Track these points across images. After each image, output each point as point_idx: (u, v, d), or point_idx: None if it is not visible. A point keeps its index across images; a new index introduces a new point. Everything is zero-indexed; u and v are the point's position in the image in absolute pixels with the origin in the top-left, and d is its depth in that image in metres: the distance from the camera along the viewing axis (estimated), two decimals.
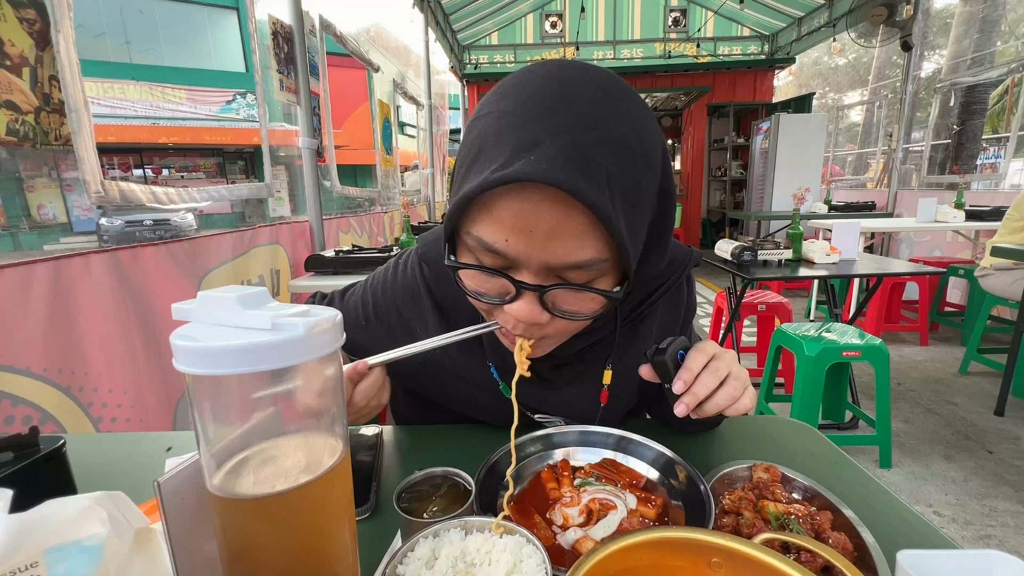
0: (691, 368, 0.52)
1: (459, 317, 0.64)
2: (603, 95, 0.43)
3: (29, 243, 7.93)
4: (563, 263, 0.44)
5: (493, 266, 0.46)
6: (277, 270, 2.17)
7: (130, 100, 11.21)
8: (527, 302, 0.47)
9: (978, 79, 5.55)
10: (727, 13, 6.71)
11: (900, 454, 2.12)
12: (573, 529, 0.49)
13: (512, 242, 0.43)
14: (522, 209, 0.41)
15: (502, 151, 0.41)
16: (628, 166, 0.42)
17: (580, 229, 0.42)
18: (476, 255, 0.47)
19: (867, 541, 0.45)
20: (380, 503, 0.56)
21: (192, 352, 0.27)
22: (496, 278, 0.47)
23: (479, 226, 0.44)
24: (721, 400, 0.52)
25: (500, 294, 0.49)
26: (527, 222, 0.42)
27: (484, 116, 0.45)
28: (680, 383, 0.52)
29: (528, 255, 0.44)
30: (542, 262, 0.44)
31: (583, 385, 0.67)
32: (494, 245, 0.44)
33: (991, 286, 2.70)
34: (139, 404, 1.36)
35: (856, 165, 11.83)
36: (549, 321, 0.49)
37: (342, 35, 2.77)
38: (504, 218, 0.42)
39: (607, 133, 0.42)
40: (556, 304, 0.48)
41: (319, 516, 0.33)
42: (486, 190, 0.41)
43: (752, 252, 2.33)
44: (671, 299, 0.69)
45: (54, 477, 0.52)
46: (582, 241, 0.43)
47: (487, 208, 0.43)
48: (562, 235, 0.42)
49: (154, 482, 0.31)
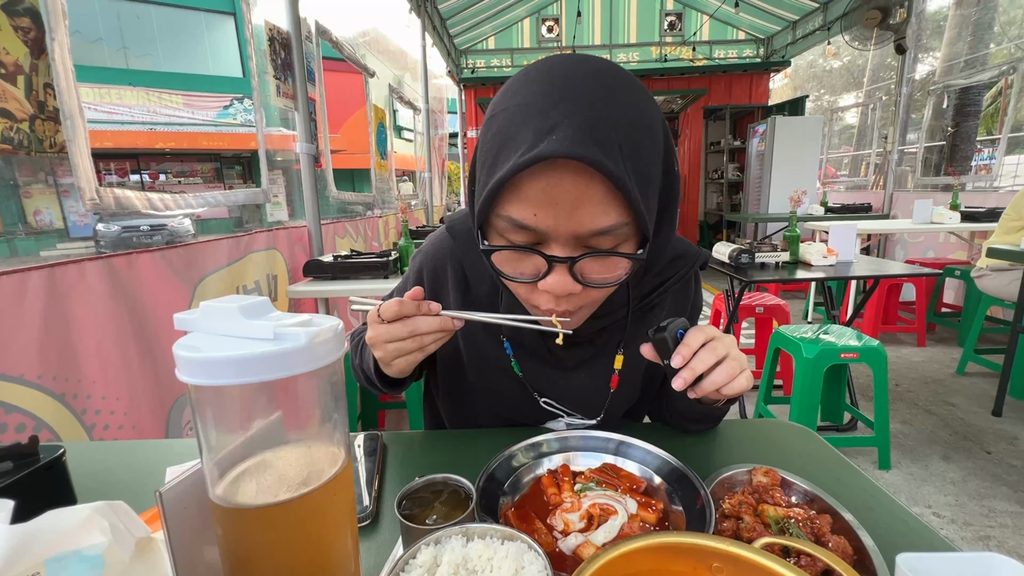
0: (690, 344, 0.54)
1: (480, 289, 0.69)
2: (608, 81, 0.47)
3: (26, 249, 7.91)
4: (588, 230, 0.48)
5: (524, 243, 0.50)
6: (274, 275, 2.16)
7: (127, 105, 11.21)
8: (559, 275, 0.51)
9: (971, 81, 5.59)
10: (722, 17, 6.75)
11: (899, 455, 2.13)
12: (574, 535, 0.49)
13: (541, 216, 0.47)
14: (548, 185, 0.46)
15: (524, 138, 0.46)
16: (636, 142, 0.47)
17: (600, 197, 0.46)
18: (507, 237, 0.51)
19: (866, 544, 0.45)
20: (381, 510, 0.56)
21: (195, 362, 0.27)
22: (528, 256, 0.51)
23: (509, 207, 0.49)
24: (718, 377, 0.53)
25: (533, 273, 0.52)
26: (553, 196, 0.46)
27: (500, 112, 0.49)
28: (679, 358, 0.53)
29: (556, 227, 0.48)
30: (569, 232, 0.48)
31: (592, 370, 0.70)
32: (524, 222, 0.48)
33: (987, 287, 2.71)
34: (132, 411, 1.35)
35: (852, 167, 11.88)
36: (581, 292, 0.52)
37: (338, 41, 2.78)
38: (532, 195, 0.47)
39: (614, 114, 0.46)
40: (585, 275, 0.52)
41: (321, 525, 0.33)
42: (517, 172, 0.45)
43: (749, 254, 2.34)
44: (680, 293, 0.72)
45: (54, 486, 0.51)
46: (604, 208, 0.47)
47: (516, 190, 0.47)
48: (585, 204, 0.47)
49: (156, 492, 0.31)
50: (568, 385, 0.70)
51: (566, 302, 0.54)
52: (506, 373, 0.70)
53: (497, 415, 0.75)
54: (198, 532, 0.34)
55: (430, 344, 0.57)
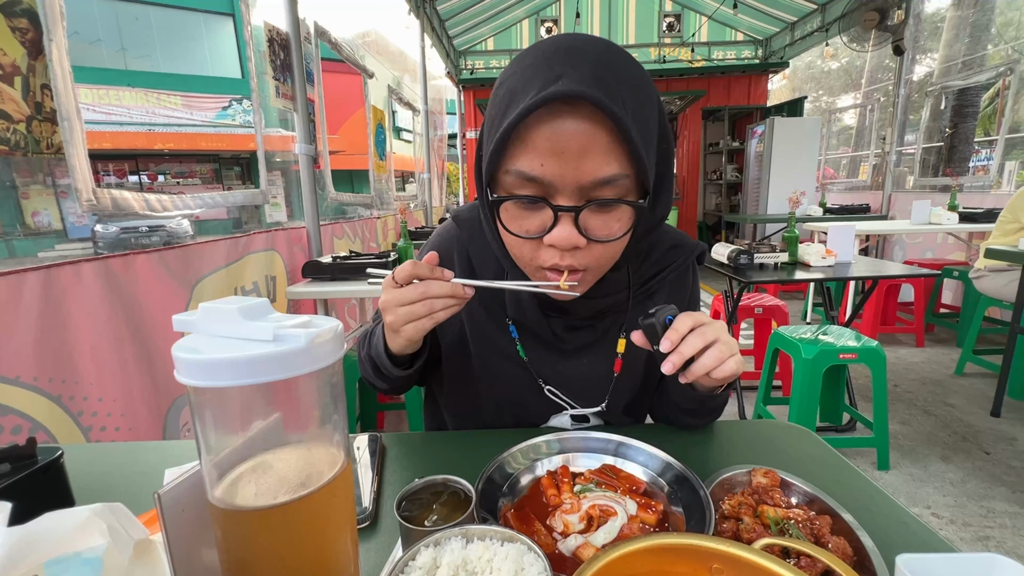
0: (678, 329, 0.55)
1: (485, 275, 0.71)
2: (609, 46, 0.52)
3: (23, 250, 7.89)
4: (592, 180, 0.50)
5: (532, 194, 0.52)
6: (273, 276, 2.16)
7: (125, 106, 11.20)
8: (565, 227, 0.53)
9: (968, 82, 5.60)
10: (721, 18, 6.76)
11: (898, 456, 2.13)
12: (574, 536, 0.49)
13: (547, 166, 0.50)
14: (553, 133, 0.49)
15: (532, 88, 0.49)
16: (636, 97, 0.51)
17: (604, 146, 0.49)
18: (514, 192, 0.53)
19: (866, 545, 0.45)
20: (380, 511, 0.56)
21: (194, 364, 0.27)
22: (535, 213, 0.54)
23: (516, 160, 0.52)
24: (708, 361, 0.54)
25: (540, 228, 0.54)
26: (559, 144, 0.49)
27: (509, 76, 0.53)
28: (667, 342, 0.54)
29: (562, 176, 0.50)
30: (574, 181, 0.51)
31: (595, 355, 0.71)
32: (531, 172, 0.51)
33: (985, 288, 2.72)
34: (129, 412, 1.35)
35: (850, 168, 11.90)
36: (586, 248, 0.54)
37: (337, 42, 2.78)
38: (539, 144, 0.50)
39: (616, 71, 0.50)
40: (589, 229, 0.54)
41: (321, 527, 0.33)
42: (527, 115, 0.48)
43: (748, 255, 2.35)
44: (678, 282, 0.74)
45: (52, 488, 0.51)
46: (607, 157, 0.50)
47: (522, 140, 0.50)
48: (590, 152, 0.49)
49: (154, 494, 0.31)
50: (572, 371, 0.72)
51: (571, 258, 0.55)
52: (511, 359, 0.71)
53: (501, 408, 0.75)
54: (197, 534, 0.34)
55: (440, 311, 0.56)
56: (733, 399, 2.63)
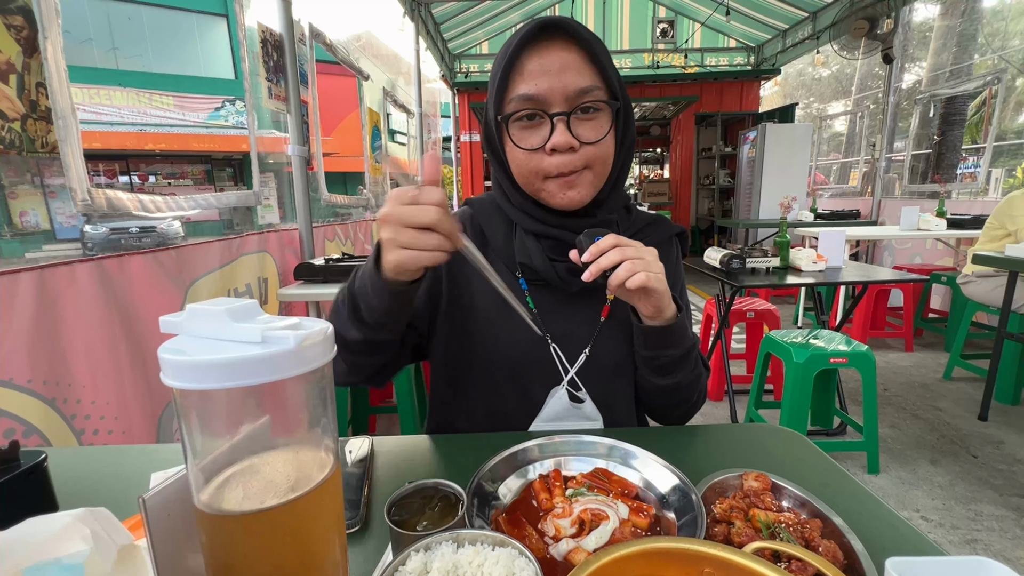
0: (600, 246, 0.62)
1: (496, 240, 0.79)
2: None
3: (10, 251, 7.78)
4: (575, 89, 0.65)
5: (532, 109, 0.66)
6: (265, 278, 2.15)
7: (116, 106, 11.10)
8: (560, 132, 0.66)
9: (956, 91, 5.69)
10: (714, 25, 6.83)
11: (887, 459, 2.15)
12: (565, 540, 0.48)
13: (539, 84, 0.65)
14: (540, 58, 0.65)
15: (519, 34, 0.66)
16: (599, 42, 0.68)
17: (579, 64, 0.66)
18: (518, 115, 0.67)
19: (856, 549, 0.45)
20: (370, 516, 0.56)
21: (180, 366, 0.27)
22: (536, 129, 0.68)
23: (516, 88, 0.67)
24: (621, 272, 0.60)
25: (542, 140, 0.67)
26: (545, 66, 0.65)
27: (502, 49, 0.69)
28: (588, 255, 0.62)
29: (551, 88, 0.65)
30: (561, 92, 0.65)
31: (590, 300, 0.78)
32: (528, 92, 0.66)
33: (973, 293, 2.75)
34: (123, 415, 1.33)
35: (840, 174, 12.04)
36: (580, 150, 0.67)
37: (332, 43, 2.77)
38: (531, 69, 0.66)
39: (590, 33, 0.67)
40: (579, 133, 0.67)
41: (309, 532, 0.33)
42: (520, 50, 0.66)
43: (740, 260, 2.36)
44: (663, 253, 0.75)
45: (35, 493, 0.50)
46: (582, 72, 0.66)
47: (518, 71, 0.67)
48: (569, 69, 0.65)
49: (139, 498, 0.31)
50: (568, 314, 0.78)
51: (569, 162, 0.67)
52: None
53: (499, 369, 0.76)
54: (182, 539, 0.33)
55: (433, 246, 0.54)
56: (725, 404, 2.65)
